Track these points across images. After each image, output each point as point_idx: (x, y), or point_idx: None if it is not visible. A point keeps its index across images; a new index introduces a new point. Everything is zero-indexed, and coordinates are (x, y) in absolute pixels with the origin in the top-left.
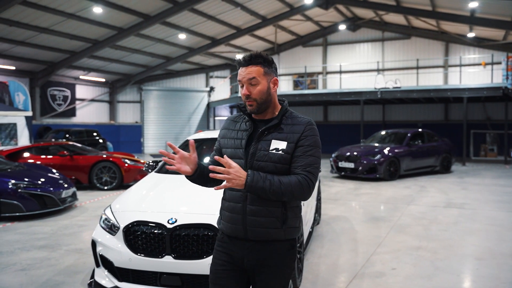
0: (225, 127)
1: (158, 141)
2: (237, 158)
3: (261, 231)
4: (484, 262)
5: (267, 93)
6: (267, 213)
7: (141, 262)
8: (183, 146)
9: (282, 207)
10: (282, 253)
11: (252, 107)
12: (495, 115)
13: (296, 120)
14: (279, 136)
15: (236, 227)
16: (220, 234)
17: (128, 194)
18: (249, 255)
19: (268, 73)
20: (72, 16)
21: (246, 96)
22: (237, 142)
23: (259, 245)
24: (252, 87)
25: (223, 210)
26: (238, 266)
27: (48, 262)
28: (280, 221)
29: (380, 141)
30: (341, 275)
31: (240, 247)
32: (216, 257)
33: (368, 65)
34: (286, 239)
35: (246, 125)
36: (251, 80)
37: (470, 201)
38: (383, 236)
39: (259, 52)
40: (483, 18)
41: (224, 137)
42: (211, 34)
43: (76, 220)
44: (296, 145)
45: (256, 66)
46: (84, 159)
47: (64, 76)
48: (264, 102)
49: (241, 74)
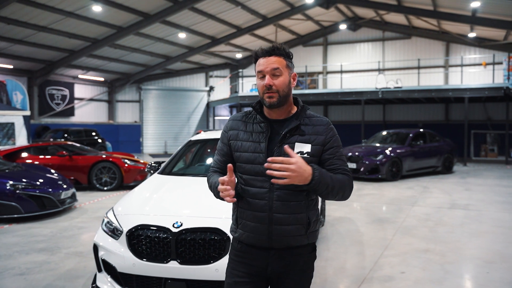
0: (234, 128)
1: (157, 141)
2: (257, 163)
3: (287, 239)
4: (495, 266)
5: (288, 87)
6: (294, 220)
7: (146, 267)
8: (186, 146)
9: (306, 212)
10: (305, 257)
11: (273, 99)
12: (496, 115)
13: (314, 120)
14: (302, 138)
15: (260, 237)
16: (237, 244)
17: (131, 197)
18: (274, 263)
19: (290, 66)
20: (71, 14)
21: (268, 87)
22: (254, 146)
23: (283, 252)
24: (275, 78)
25: (242, 219)
26: (258, 277)
27: (47, 266)
28: (305, 227)
29: (382, 142)
30: (349, 279)
31: (263, 256)
32: (234, 268)
33: (368, 65)
34: (309, 243)
35: (261, 127)
36: (275, 70)
37: (475, 202)
38: (389, 238)
39: (281, 44)
40: (485, 18)
41: (235, 139)
42: (211, 33)
43: (76, 222)
44: (323, 147)
45: (278, 57)
46: (84, 159)
47: (63, 75)
48: (285, 96)
49: (262, 64)
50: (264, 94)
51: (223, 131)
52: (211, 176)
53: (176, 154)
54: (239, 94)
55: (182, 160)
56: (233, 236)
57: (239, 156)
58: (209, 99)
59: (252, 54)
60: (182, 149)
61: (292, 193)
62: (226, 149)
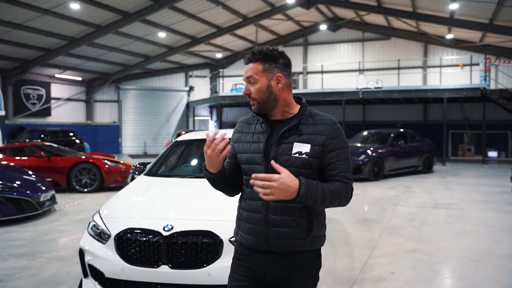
0: (238, 130)
1: (136, 142)
2: (255, 164)
3: (285, 242)
4: (482, 265)
5: (268, 91)
6: (291, 223)
7: (135, 272)
8: (171, 147)
9: (307, 215)
10: (308, 264)
11: (254, 106)
12: (473, 116)
13: (317, 119)
14: (301, 138)
15: (258, 239)
16: (239, 247)
17: (118, 199)
18: (273, 269)
19: (269, 69)
20: (48, 12)
21: (247, 95)
22: (254, 146)
23: (283, 257)
24: (251, 86)
25: (242, 220)
26: (260, 282)
27: (28, 272)
28: (306, 231)
29: (363, 142)
30: (340, 281)
31: (262, 260)
32: (235, 272)
33: (348, 65)
34: (312, 249)
35: (262, 127)
36: (249, 78)
37: (457, 201)
38: (376, 239)
39: (262, 47)
40: (462, 20)
41: (238, 141)
42: (192, 32)
43: (56, 225)
44: (323, 148)
45: (254, 63)
46: (63, 160)
47: (39, 75)
48: (265, 101)
49: (244, 72)
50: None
51: (233, 133)
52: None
53: (162, 155)
54: (220, 94)
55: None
56: (236, 238)
57: (240, 157)
58: (189, 99)
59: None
60: (168, 150)
61: None
62: (232, 151)
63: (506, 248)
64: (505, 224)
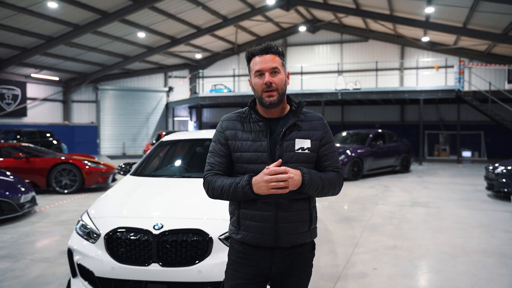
0: (230, 128)
1: (115, 142)
2: (260, 163)
3: (292, 237)
4: (459, 260)
5: (285, 85)
6: (297, 217)
7: (126, 271)
8: (157, 147)
9: (309, 208)
10: (307, 255)
11: (273, 97)
12: (448, 117)
13: (309, 115)
14: (301, 134)
15: (266, 237)
16: (239, 246)
17: (106, 199)
18: (278, 263)
19: (284, 65)
20: (24, 10)
21: (268, 84)
22: (256, 145)
23: (287, 251)
24: (274, 76)
25: (245, 219)
26: (260, 278)
27: (12, 274)
28: (308, 224)
29: (343, 142)
30: (325, 277)
31: (267, 257)
32: (236, 270)
33: (327, 66)
34: (311, 240)
35: (259, 126)
36: (274, 68)
37: (434, 200)
38: (358, 236)
39: (273, 43)
40: (437, 23)
41: (233, 139)
42: (171, 33)
43: (37, 227)
44: (320, 142)
45: (273, 55)
46: (42, 161)
47: (14, 74)
48: (283, 94)
49: (260, 62)
50: (263, 93)
51: (218, 131)
52: (215, 179)
53: (148, 155)
54: (200, 95)
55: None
56: (235, 238)
57: (239, 156)
58: (168, 99)
59: (246, 52)
60: (153, 150)
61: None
62: (225, 149)
63: (481, 243)
64: (479, 221)
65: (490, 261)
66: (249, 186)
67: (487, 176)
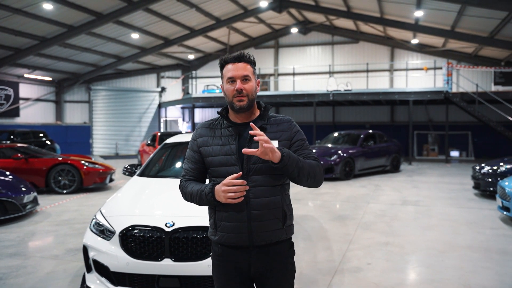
0: (202, 135)
1: (107, 142)
2: (230, 165)
3: (266, 235)
4: (447, 255)
5: (255, 92)
6: (270, 215)
7: (140, 265)
8: (161, 149)
9: (281, 206)
10: (285, 253)
11: (243, 102)
12: (436, 117)
13: (277, 119)
14: (269, 136)
15: (241, 236)
16: (218, 248)
17: (117, 199)
18: (256, 263)
19: (254, 73)
20: (19, 11)
21: (239, 91)
22: (225, 149)
23: (263, 250)
24: (245, 83)
25: (221, 221)
26: (243, 277)
27: (25, 270)
28: (282, 221)
29: (334, 142)
30: (322, 271)
31: (244, 257)
32: (221, 272)
33: (319, 67)
34: (287, 238)
35: (229, 131)
36: (246, 76)
37: (423, 199)
38: (352, 234)
39: (245, 52)
40: (426, 26)
41: (204, 145)
42: (165, 34)
43: (41, 226)
44: (290, 142)
45: (245, 64)
46: (40, 162)
47: (7, 74)
48: (253, 100)
49: (232, 70)
50: (234, 98)
51: (192, 139)
52: (187, 185)
53: (153, 156)
54: (193, 95)
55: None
56: (213, 239)
57: (211, 160)
58: (161, 100)
59: (220, 59)
60: (158, 152)
61: (266, 188)
62: (197, 156)
63: (468, 239)
64: (466, 219)
65: (476, 255)
66: (212, 194)
67: (474, 176)
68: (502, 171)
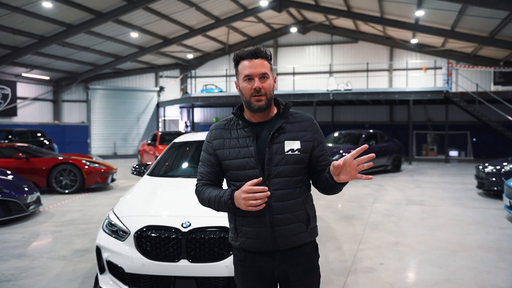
0: (218, 137)
1: (105, 142)
2: (249, 168)
3: (290, 239)
4: (459, 255)
5: (273, 89)
6: (294, 218)
7: (155, 267)
8: (170, 148)
9: (304, 208)
10: (310, 255)
11: (261, 102)
12: (435, 117)
13: (298, 116)
14: (290, 136)
15: (264, 241)
16: (240, 254)
17: (130, 199)
18: (280, 266)
19: (272, 70)
20: (18, 9)
21: (257, 90)
22: (244, 151)
23: (287, 253)
24: (263, 81)
25: (242, 226)
26: (267, 281)
27: (33, 271)
28: (305, 224)
29: (335, 142)
30: (335, 272)
31: (268, 261)
32: (244, 278)
33: (318, 67)
34: (312, 240)
35: (246, 132)
36: (264, 74)
37: (427, 198)
38: (360, 234)
39: (262, 46)
40: (426, 26)
41: (221, 148)
42: (164, 33)
43: (46, 227)
44: (313, 143)
45: (262, 60)
46: (42, 161)
47: (4, 73)
48: (271, 98)
49: (249, 67)
50: (252, 97)
51: (207, 141)
52: (204, 190)
53: (162, 156)
54: (192, 95)
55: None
56: (234, 245)
57: (228, 164)
58: (159, 99)
59: (234, 55)
60: (167, 151)
61: (288, 191)
62: (213, 159)
63: (477, 239)
64: (473, 218)
65: (487, 255)
66: (231, 201)
67: (478, 175)
68: (506, 170)
